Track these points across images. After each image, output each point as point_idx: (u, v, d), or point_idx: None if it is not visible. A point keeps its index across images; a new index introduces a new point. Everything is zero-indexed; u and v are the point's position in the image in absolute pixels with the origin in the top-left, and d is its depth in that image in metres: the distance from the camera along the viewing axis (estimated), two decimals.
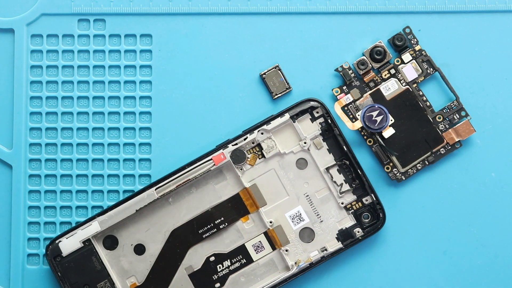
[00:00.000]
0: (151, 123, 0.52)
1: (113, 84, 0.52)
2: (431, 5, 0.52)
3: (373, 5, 0.52)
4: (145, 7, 0.52)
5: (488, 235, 0.51)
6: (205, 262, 0.50)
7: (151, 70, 0.52)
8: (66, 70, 0.52)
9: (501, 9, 0.52)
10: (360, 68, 0.51)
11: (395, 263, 0.51)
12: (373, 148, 0.51)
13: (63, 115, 0.52)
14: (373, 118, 0.50)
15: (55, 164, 0.52)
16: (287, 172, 0.51)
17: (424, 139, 0.51)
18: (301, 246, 0.51)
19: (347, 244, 0.50)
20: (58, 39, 0.52)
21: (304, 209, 0.51)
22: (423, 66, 0.51)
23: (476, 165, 0.51)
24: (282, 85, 0.52)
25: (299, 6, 0.52)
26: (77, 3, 0.52)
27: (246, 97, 0.52)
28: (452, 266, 0.51)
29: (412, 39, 0.52)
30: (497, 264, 0.51)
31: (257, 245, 0.51)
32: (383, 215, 0.50)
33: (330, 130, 0.51)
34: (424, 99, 0.51)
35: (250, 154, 0.51)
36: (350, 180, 0.51)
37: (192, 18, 0.52)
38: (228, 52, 0.52)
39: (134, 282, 0.50)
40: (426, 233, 0.51)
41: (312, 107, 0.51)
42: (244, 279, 0.51)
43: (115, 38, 0.52)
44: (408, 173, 0.51)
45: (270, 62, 0.52)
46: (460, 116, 0.51)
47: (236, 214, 0.50)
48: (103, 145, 0.52)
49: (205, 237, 0.50)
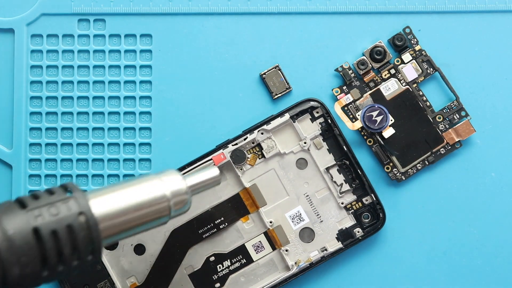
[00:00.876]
0: (151, 123, 0.52)
1: (113, 84, 0.52)
2: (431, 5, 0.52)
3: (373, 5, 0.52)
4: (145, 7, 0.52)
5: (488, 235, 0.51)
6: (205, 262, 0.50)
7: (151, 70, 0.52)
8: (66, 70, 0.52)
9: (501, 9, 0.52)
10: (360, 68, 0.51)
11: (395, 263, 0.51)
12: (373, 148, 0.51)
13: (63, 115, 0.52)
14: (373, 118, 0.50)
15: (55, 164, 0.52)
16: (287, 172, 0.51)
17: (424, 139, 0.51)
18: (301, 246, 0.51)
19: (347, 244, 0.50)
20: (58, 39, 0.52)
21: (304, 209, 0.51)
22: (423, 66, 0.51)
23: (476, 165, 0.51)
24: (282, 85, 0.52)
25: (299, 6, 0.52)
26: (77, 3, 0.52)
27: (246, 97, 0.52)
28: (452, 266, 0.51)
29: (412, 39, 0.52)
30: (497, 264, 0.51)
31: (257, 245, 0.51)
32: (383, 215, 0.50)
33: (330, 130, 0.51)
34: (424, 99, 0.51)
35: (250, 154, 0.51)
36: (350, 180, 0.51)
37: (192, 18, 0.52)
38: (228, 52, 0.52)
39: (134, 282, 0.50)
40: (426, 233, 0.51)
41: (312, 107, 0.51)
42: (244, 279, 0.51)
43: (115, 38, 0.52)
44: (408, 173, 0.51)
45: (270, 62, 0.52)
46: (460, 116, 0.51)
47: (236, 214, 0.50)
48: (103, 145, 0.52)
49: (205, 237, 0.50)
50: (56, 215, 0.36)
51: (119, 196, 0.39)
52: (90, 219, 0.37)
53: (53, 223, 0.36)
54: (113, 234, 0.39)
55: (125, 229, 0.39)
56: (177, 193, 0.41)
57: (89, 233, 0.37)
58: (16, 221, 0.35)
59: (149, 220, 0.40)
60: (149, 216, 0.40)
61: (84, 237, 0.37)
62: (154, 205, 0.40)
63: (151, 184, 0.40)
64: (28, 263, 0.35)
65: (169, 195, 0.40)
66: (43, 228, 0.36)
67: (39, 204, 0.37)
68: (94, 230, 0.37)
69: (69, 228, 0.36)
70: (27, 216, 0.36)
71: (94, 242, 0.37)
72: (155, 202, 0.40)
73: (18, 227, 0.35)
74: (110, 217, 0.38)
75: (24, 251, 0.35)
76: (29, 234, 0.35)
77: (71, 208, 0.37)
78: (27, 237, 0.35)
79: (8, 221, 0.35)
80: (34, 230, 0.36)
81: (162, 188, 0.40)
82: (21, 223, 0.35)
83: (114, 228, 0.39)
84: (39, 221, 0.36)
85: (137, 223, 0.40)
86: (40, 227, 0.36)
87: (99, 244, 0.37)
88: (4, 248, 0.35)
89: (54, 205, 0.37)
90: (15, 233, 0.35)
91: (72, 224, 0.37)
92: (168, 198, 0.40)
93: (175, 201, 0.41)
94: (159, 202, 0.40)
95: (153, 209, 0.40)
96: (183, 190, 0.41)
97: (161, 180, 0.41)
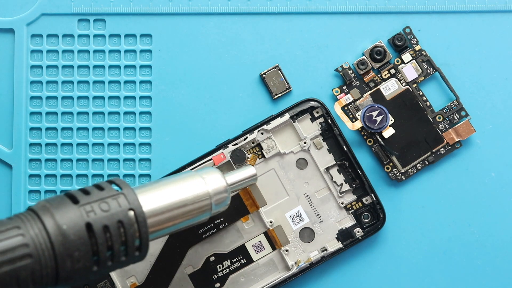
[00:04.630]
0: (151, 123, 0.52)
1: (113, 84, 0.52)
2: (431, 5, 0.52)
3: (373, 5, 0.52)
4: (145, 7, 0.52)
5: (488, 235, 0.51)
6: (205, 262, 0.50)
7: (151, 70, 0.52)
8: (66, 70, 0.52)
9: (501, 9, 0.52)
10: (360, 68, 0.51)
11: (395, 263, 0.51)
12: (373, 148, 0.51)
13: (63, 115, 0.52)
14: (373, 118, 0.50)
15: (55, 164, 0.52)
16: (287, 172, 0.51)
17: (424, 139, 0.51)
18: (301, 246, 0.51)
19: (347, 244, 0.50)
20: (58, 39, 0.52)
21: (304, 209, 0.51)
22: (423, 66, 0.51)
23: (476, 165, 0.51)
24: (282, 85, 0.52)
25: (299, 6, 0.52)
26: (77, 3, 0.52)
27: (246, 97, 0.52)
28: (452, 266, 0.51)
29: (412, 39, 0.52)
30: (497, 264, 0.51)
31: (257, 245, 0.51)
32: (383, 215, 0.50)
33: (330, 130, 0.51)
34: (424, 99, 0.51)
35: (250, 154, 0.51)
36: (350, 180, 0.51)
37: (192, 18, 0.52)
38: (228, 52, 0.52)
39: (134, 282, 0.50)
40: (426, 233, 0.51)
41: (312, 107, 0.51)
42: (244, 279, 0.51)
43: (115, 38, 0.52)
44: (408, 173, 0.51)
45: (270, 62, 0.52)
46: (460, 116, 0.51)
47: (236, 214, 0.50)
48: (103, 145, 0.52)
49: (205, 237, 0.50)
50: (108, 210, 0.37)
51: (165, 193, 0.41)
52: (139, 215, 0.38)
53: (104, 218, 0.37)
54: (158, 230, 0.40)
55: (169, 226, 0.41)
56: (218, 191, 0.43)
57: (138, 229, 0.38)
58: (70, 216, 0.36)
59: (192, 217, 0.42)
60: (192, 213, 0.42)
61: (133, 232, 0.38)
62: (198, 202, 0.42)
63: (194, 182, 0.43)
64: (80, 258, 0.36)
65: (212, 193, 0.43)
66: (95, 224, 0.36)
67: (90, 199, 0.37)
68: (143, 226, 0.38)
69: (120, 223, 0.37)
70: (80, 211, 0.36)
71: (142, 238, 0.38)
72: (199, 199, 0.42)
73: (72, 222, 0.36)
74: (157, 213, 0.40)
75: (77, 246, 0.36)
76: (82, 229, 0.36)
77: (121, 204, 0.38)
78: (80, 232, 0.36)
79: (62, 216, 0.36)
80: (87, 225, 0.36)
81: (204, 186, 0.43)
82: (75, 218, 0.36)
83: (160, 224, 0.40)
84: (91, 217, 0.37)
85: (181, 219, 0.41)
86: (93, 223, 0.36)
87: (147, 240, 0.38)
88: (58, 242, 0.35)
89: (105, 201, 0.37)
90: (69, 228, 0.36)
91: (122, 220, 0.37)
92: (210, 196, 0.43)
93: (216, 198, 0.43)
94: (202, 200, 0.42)
95: (196, 206, 0.42)
96: (223, 188, 0.44)
97: (203, 179, 0.43)
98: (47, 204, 0.37)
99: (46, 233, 0.35)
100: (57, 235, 0.35)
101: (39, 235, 0.35)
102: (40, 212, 0.36)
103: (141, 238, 0.38)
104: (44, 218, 0.36)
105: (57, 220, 0.36)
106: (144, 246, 0.38)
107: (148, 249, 0.39)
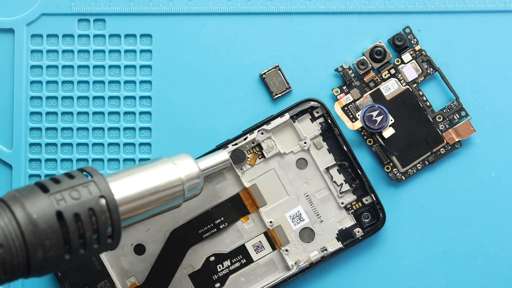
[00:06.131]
0: (151, 123, 0.52)
1: (113, 84, 0.52)
2: (431, 5, 0.52)
3: (373, 5, 0.52)
4: (145, 7, 0.52)
5: (488, 235, 0.51)
6: (205, 262, 0.51)
7: (151, 70, 0.52)
8: (66, 70, 0.52)
9: (501, 9, 0.52)
10: (360, 68, 0.51)
11: (395, 263, 0.51)
12: (373, 148, 0.51)
13: (63, 115, 0.52)
14: (373, 118, 0.50)
15: (55, 164, 0.52)
16: (287, 172, 0.51)
17: (424, 139, 0.51)
18: (301, 246, 0.51)
19: (347, 244, 0.50)
20: (58, 39, 0.52)
21: (304, 209, 0.51)
22: (423, 66, 0.51)
23: (476, 165, 0.51)
24: (282, 85, 0.52)
25: (299, 6, 0.52)
26: (77, 3, 0.52)
27: (246, 97, 0.52)
28: (452, 266, 0.51)
29: (412, 39, 0.52)
30: (497, 264, 0.51)
31: (257, 245, 0.51)
32: (383, 215, 0.50)
33: (330, 130, 0.51)
34: (424, 99, 0.51)
35: (250, 154, 0.51)
36: (350, 180, 0.51)
37: (192, 18, 0.52)
38: (228, 52, 0.52)
39: (134, 282, 0.50)
40: (426, 233, 0.51)
41: (312, 107, 0.51)
42: (244, 279, 0.51)
43: (115, 38, 0.52)
44: (408, 173, 0.51)
45: (270, 62, 0.52)
46: (460, 116, 0.51)
47: (236, 214, 0.50)
48: (103, 145, 0.52)
49: (205, 237, 0.50)
50: (78, 198, 0.37)
51: (136, 180, 0.41)
52: (110, 203, 0.38)
53: (75, 206, 0.37)
54: (131, 216, 0.40)
55: (142, 212, 0.41)
56: (190, 177, 0.43)
57: (110, 216, 0.38)
58: (40, 205, 0.36)
59: (164, 203, 0.42)
60: (165, 199, 0.42)
61: (105, 220, 0.38)
62: (170, 189, 0.42)
63: (166, 168, 0.42)
64: (52, 247, 0.36)
65: (184, 179, 0.43)
66: (66, 212, 0.36)
67: (60, 188, 0.37)
68: (115, 213, 0.38)
69: (91, 211, 0.37)
70: (50, 200, 0.36)
71: (114, 225, 0.38)
72: (171, 185, 0.42)
73: (42, 211, 0.36)
74: (129, 200, 0.40)
75: (47, 234, 0.36)
76: (52, 217, 0.36)
77: (92, 192, 0.38)
78: (51, 221, 0.36)
79: (32, 205, 0.36)
80: (58, 214, 0.36)
81: (177, 172, 0.42)
82: (45, 207, 0.36)
83: (132, 211, 0.40)
84: (62, 205, 0.36)
85: (154, 206, 0.41)
86: (63, 211, 0.36)
87: (119, 227, 0.38)
88: (28, 232, 0.35)
89: (75, 189, 0.37)
90: (39, 217, 0.36)
91: (93, 208, 0.37)
92: (183, 182, 0.43)
93: (189, 184, 0.43)
94: (175, 186, 0.42)
95: (169, 192, 0.42)
96: (196, 174, 0.43)
97: (175, 164, 0.43)
98: (16, 193, 0.36)
99: (16, 222, 0.35)
100: (27, 224, 0.35)
101: (9, 224, 0.35)
102: (9, 202, 0.36)
103: (113, 225, 0.38)
104: (13, 207, 0.35)
105: (27, 209, 0.35)
106: (117, 233, 0.38)
107: (120, 236, 0.39)
